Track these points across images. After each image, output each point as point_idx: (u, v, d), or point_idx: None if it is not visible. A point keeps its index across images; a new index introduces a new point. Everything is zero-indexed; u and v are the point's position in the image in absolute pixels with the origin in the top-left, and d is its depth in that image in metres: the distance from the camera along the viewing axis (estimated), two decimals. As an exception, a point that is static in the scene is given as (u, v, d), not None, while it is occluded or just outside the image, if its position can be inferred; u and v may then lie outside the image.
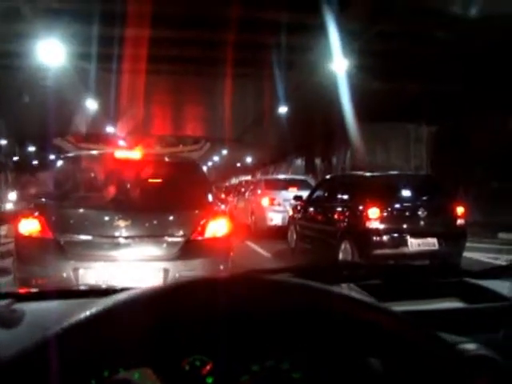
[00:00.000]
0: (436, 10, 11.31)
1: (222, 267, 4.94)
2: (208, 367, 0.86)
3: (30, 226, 4.84)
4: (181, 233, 5.00)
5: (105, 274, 4.60)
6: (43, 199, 5.32)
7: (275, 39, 13.46)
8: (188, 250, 4.88)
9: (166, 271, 4.70)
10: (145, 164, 5.66)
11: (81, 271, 4.63)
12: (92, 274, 4.62)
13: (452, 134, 17.24)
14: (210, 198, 5.54)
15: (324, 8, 11.02)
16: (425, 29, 12.34)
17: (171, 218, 5.21)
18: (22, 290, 1.58)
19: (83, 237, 4.82)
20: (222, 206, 6.15)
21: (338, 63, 14.38)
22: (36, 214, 4.91)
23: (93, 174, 5.66)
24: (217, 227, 5.09)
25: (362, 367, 0.81)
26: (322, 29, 12.03)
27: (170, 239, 4.94)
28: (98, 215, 5.03)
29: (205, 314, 0.75)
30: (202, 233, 5.00)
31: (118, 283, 4.26)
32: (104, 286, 1.51)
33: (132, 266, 4.67)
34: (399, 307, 1.35)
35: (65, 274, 4.61)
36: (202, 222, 5.03)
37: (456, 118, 16.79)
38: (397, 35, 13.00)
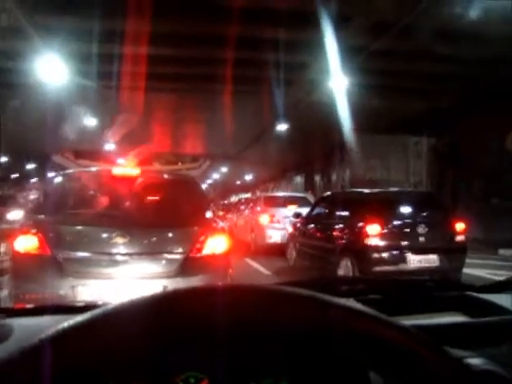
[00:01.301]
0: (436, 27, 11.37)
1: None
2: None
3: (27, 243, 4.79)
4: (179, 250, 4.96)
5: (103, 292, 4.54)
6: (41, 216, 5.25)
7: (274, 56, 13.50)
8: (187, 266, 4.84)
9: (164, 288, 4.56)
10: (143, 181, 5.65)
11: (79, 288, 4.59)
12: (90, 291, 4.57)
13: (451, 150, 17.26)
14: (208, 214, 5.52)
15: (323, 25, 11.07)
16: (425, 46, 12.39)
17: (170, 234, 5.17)
18: (12, 306, 1.55)
19: (81, 254, 4.79)
20: (221, 223, 6.10)
21: (337, 81, 14.43)
22: (33, 230, 4.86)
23: (91, 191, 5.67)
24: (216, 244, 5.04)
25: (363, 382, 0.78)
26: (320, 46, 12.08)
27: (168, 256, 4.91)
28: (96, 232, 4.99)
29: (201, 326, 0.72)
30: (200, 249, 4.96)
31: (116, 300, 4.15)
32: (100, 302, 1.49)
33: (131, 283, 4.60)
34: (402, 322, 1.32)
35: (63, 292, 4.56)
36: (200, 239, 5.00)
37: (455, 134, 16.83)
38: (396, 52, 13.05)
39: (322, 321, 0.71)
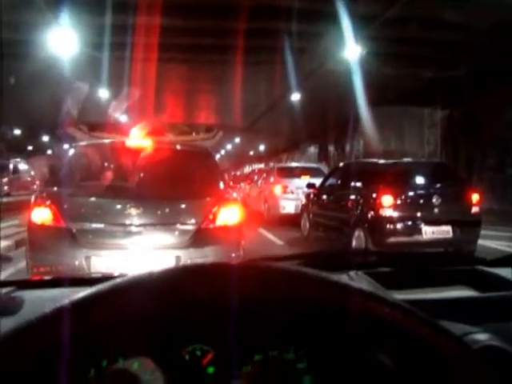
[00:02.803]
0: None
1: (233, 255, 4.91)
2: (209, 357, 0.83)
3: (42, 215, 4.86)
4: (192, 220, 4.99)
5: (116, 262, 4.60)
6: (55, 188, 5.31)
7: (287, 26, 13.35)
8: (200, 237, 4.88)
9: (177, 258, 4.70)
10: (156, 152, 5.64)
11: (93, 259, 4.64)
12: (104, 261, 4.63)
13: (466, 120, 17.06)
14: (221, 185, 5.52)
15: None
16: (438, 13, 12.16)
17: (183, 205, 5.20)
18: (26, 278, 1.57)
19: (95, 225, 4.84)
20: (234, 194, 6.12)
21: (351, 49, 14.24)
22: (48, 202, 4.92)
23: (104, 163, 5.66)
24: (228, 215, 5.08)
25: (370, 360, 0.78)
26: (333, 15, 11.91)
27: (181, 227, 4.94)
28: (109, 203, 5.04)
29: (206, 300, 0.72)
30: (213, 220, 5.00)
31: (129, 271, 4.16)
32: (115, 274, 1.51)
33: (144, 253, 4.65)
34: (409, 295, 1.33)
35: (77, 262, 4.62)
36: (213, 210, 5.03)
37: (471, 104, 16.61)
38: (409, 20, 12.82)
39: (327, 299, 0.72)
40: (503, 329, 1.05)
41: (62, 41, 13.37)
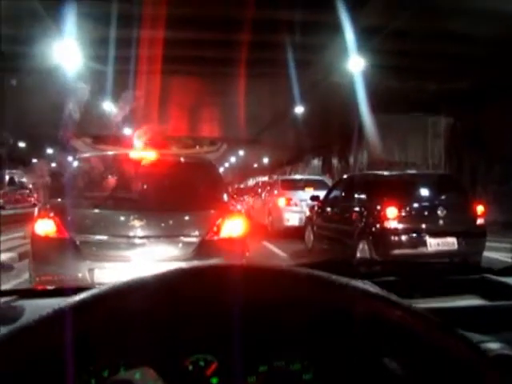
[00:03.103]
0: (455, 7, 11.18)
1: None
2: (213, 367, 0.80)
3: (45, 226, 4.86)
4: (196, 233, 5.00)
5: (120, 274, 4.40)
6: (59, 199, 5.34)
7: (290, 38, 13.38)
8: (203, 250, 4.87)
9: None
10: (160, 164, 5.68)
11: (96, 271, 4.65)
12: (107, 274, 4.63)
13: (470, 131, 17.04)
14: (225, 197, 5.58)
15: (340, 6, 10.93)
16: (441, 25, 12.19)
17: (186, 217, 5.22)
18: (25, 288, 1.55)
19: (99, 237, 4.85)
20: (238, 206, 6.05)
21: (354, 62, 14.28)
22: (52, 214, 4.94)
23: (108, 175, 5.63)
24: (232, 227, 5.09)
25: (378, 368, 0.76)
26: (337, 27, 11.94)
27: (185, 239, 4.95)
28: (113, 215, 5.06)
29: (207, 304, 0.70)
30: (217, 233, 5.00)
31: None
32: None
33: (147, 266, 4.61)
34: (416, 305, 1.29)
35: (80, 274, 4.63)
36: (217, 222, 5.04)
37: (474, 115, 16.61)
38: (413, 33, 12.84)
39: (335, 302, 0.69)
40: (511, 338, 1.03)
41: (66, 54, 13.43)
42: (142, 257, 4.73)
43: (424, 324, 0.68)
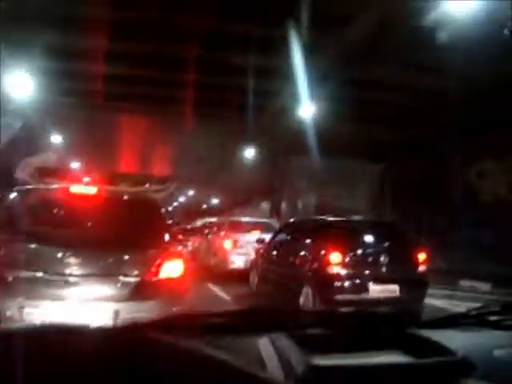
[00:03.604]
0: (405, 58, 11.57)
1: (174, 309, 4.67)
2: None
3: None
4: (134, 272, 4.82)
5: (52, 314, 4.36)
6: None
7: (246, 82, 13.54)
8: (141, 290, 4.71)
9: (116, 313, 4.50)
10: (101, 200, 5.59)
11: (26, 310, 4.40)
12: (38, 312, 4.39)
13: (416, 182, 17.46)
14: (166, 238, 5.45)
15: (293, 53, 11.16)
16: (392, 77, 12.60)
17: (125, 256, 5.02)
18: None
19: (31, 273, 4.59)
20: (179, 247, 5.94)
21: (305, 108, 14.53)
22: None
23: (47, 208, 5.47)
24: (172, 268, 4.94)
25: None
26: (290, 73, 12.16)
27: (122, 279, 4.75)
28: (48, 251, 4.81)
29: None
30: (156, 273, 4.85)
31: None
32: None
33: (81, 306, 4.46)
34: (334, 360, 1.25)
35: (9, 313, 4.35)
36: (156, 262, 4.89)
37: (419, 165, 17.05)
38: (366, 82, 13.20)
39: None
40: None
41: (16, 84, 13.21)
42: (75, 296, 4.53)
43: None
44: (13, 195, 5.73)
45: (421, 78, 12.10)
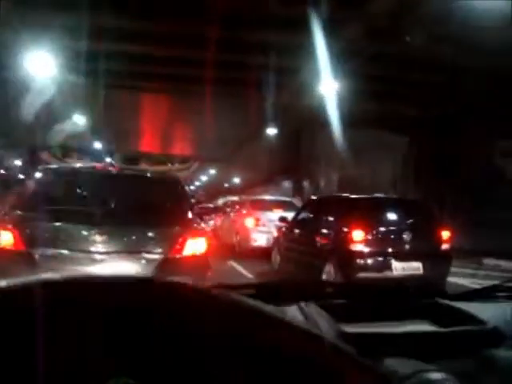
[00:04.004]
0: (432, 35, 11.38)
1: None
2: None
3: (3, 238, 4.72)
4: (158, 250, 4.91)
5: None
6: (20, 211, 5.18)
7: (266, 60, 13.45)
8: (165, 267, 4.77)
9: None
10: (125, 179, 5.74)
11: None
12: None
13: (440, 159, 17.25)
14: (190, 215, 5.48)
15: (315, 29, 11.01)
16: (416, 54, 12.40)
17: (149, 234, 5.11)
18: None
19: (58, 251, 4.69)
20: (203, 224, 6.23)
21: (328, 85, 14.38)
22: (10, 226, 4.79)
23: (71, 187, 5.54)
24: (195, 245, 5.00)
25: None
26: (313, 51, 12.03)
27: (147, 256, 4.85)
28: (74, 229, 4.91)
29: (130, 325, 0.63)
30: (179, 250, 4.92)
31: None
32: None
33: None
34: (362, 329, 1.26)
35: None
36: (180, 240, 4.96)
37: (446, 142, 16.83)
38: (388, 58, 13.02)
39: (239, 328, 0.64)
40: (465, 366, 0.97)
41: (39, 64, 13.27)
42: (102, 273, 4.54)
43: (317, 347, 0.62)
44: (38, 174, 5.82)
45: (446, 53, 11.87)
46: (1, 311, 0.59)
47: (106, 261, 4.70)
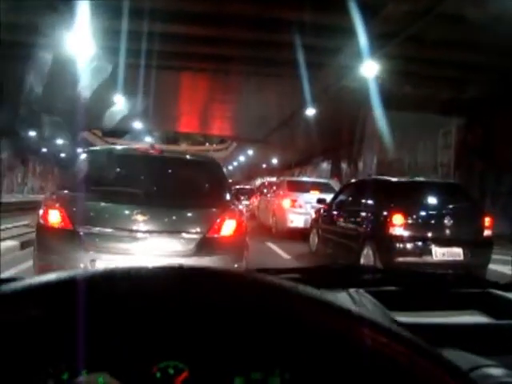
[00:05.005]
0: (468, 17, 11.09)
1: (236, 265, 5.03)
2: (183, 376, 0.72)
3: (51, 217, 4.98)
4: (197, 230, 5.10)
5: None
6: (66, 191, 5.45)
7: (304, 40, 13.29)
8: (204, 246, 5.00)
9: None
10: (166, 161, 5.93)
11: (97, 263, 4.75)
12: (108, 266, 4.55)
13: (481, 142, 16.88)
14: (227, 196, 5.67)
15: (355, 10, 10.84)
16: (455, 35, 12.10)
17: (189, 214, 5.33)
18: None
19: (102, 229, 4.93)
20: (240, 206, 6.42)
21: (368, 67, 14.16)
22: (57, 205, 5.05)
23: (115, 169, 5.80)
24: (232, 226, 5.18)
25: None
26: (351, 31, 11.85)
27: (186, 235, 5.04)
28: (117, 209, 5.17)
29: (179, 310, 0.63)
30: (218, 230, 5.11)
31: None
32: None
33: (148, 260, 4.67)
34: (414, 318, 1.23)
35: (82, 265, 4.73)
36: (218, 220, 5.15)
37: (486, 126, 16.46)
38: (428, 40, 12.73)
39: (309, 317, 0.62)
40: None
41: (78, 44, 13.39)
42: (143, 251, 4.83)
43: (385, 339, 0.60)
44: (83, 156, 6.02)
45: (490, 34, 11.52)
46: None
47: (148, 239, 4.89)
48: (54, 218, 4.95)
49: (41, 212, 5.11)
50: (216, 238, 5.08)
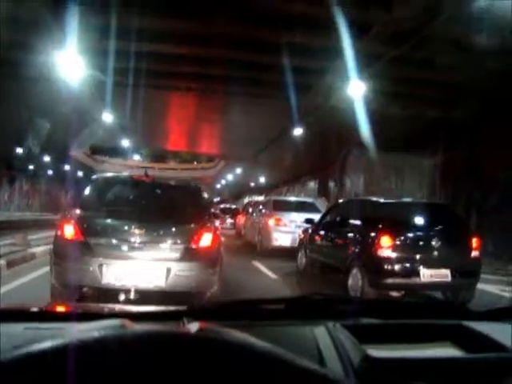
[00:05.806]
0: (455, 39, 11.26)
1: (211, 270, 6.43)
2: None
3: (66, 231, 6.25)
4: (182, 241, 6.39)
5: (122, 270, 6.03)
6: (78, 210, 6.66)
7: (292, 61, 13.40)
8: (186, 254, 6.31)
9: (168, 270, 6.14)
10: (157, 186, 7.51)
11: (104, 267, 6.01)
12: (112, 269, 6.01)
13: (466, 160, 17.01)
14: (206, 215, 7.03)
15: (341, 32, 10.94)
16: (441, 55, 12.25)
17: (175, 229, 6.55)
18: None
19: (107, 240, 6.20)
20: (216, 223, 8.12)
21: (355, 87, 14.27)
22: (72, 221, 6.35)
23: (116, 192, 7.23)
24: (209, 239, 6.51)
25: None
26: (338, 52, 11.96)
27: (173, 245, 6.33)
28: (119, 224, 6.43)
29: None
30: (197, 242, 6.43)
31: (132, 277, 6.00)
32: (92, 310, 1.57)
33: (143, 264, 6.11)
34: (388, 352, 1.26)
35: (91, 268, 5.98)
36: (198, 234, 6.47)
37: (471, 145, 16.60)
38: (413, 61, 12.89)
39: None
40: None
41: (68, 63, 13.38)
42: (139, 257, 6.14)
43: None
44: (92, 181, 7.39)
45: (475, 56, 11.68)
46: None
47: (144, 248, 6.18)
48: (69, 231, 6.21)
49: (58, 227, 6.40)
50: (196, 247, 6.40)
